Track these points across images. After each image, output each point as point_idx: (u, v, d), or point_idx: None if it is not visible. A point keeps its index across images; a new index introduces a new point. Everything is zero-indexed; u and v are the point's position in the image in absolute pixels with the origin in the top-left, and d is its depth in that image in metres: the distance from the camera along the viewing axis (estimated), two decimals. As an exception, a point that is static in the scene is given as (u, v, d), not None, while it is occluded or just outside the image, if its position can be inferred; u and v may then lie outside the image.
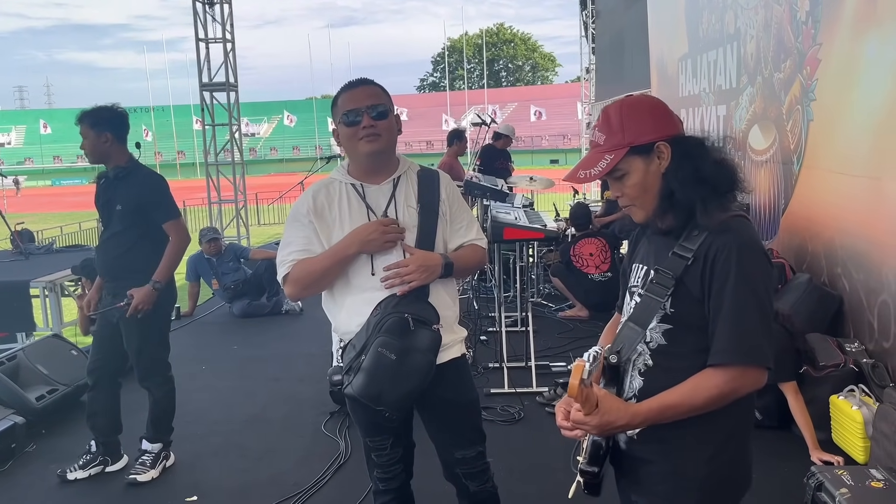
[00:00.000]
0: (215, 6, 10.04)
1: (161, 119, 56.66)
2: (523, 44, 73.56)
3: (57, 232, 15.88)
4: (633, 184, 1.56)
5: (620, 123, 1.55)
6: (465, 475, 2.34)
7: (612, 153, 1.55)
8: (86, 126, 3.34)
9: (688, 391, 1.50)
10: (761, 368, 1.50)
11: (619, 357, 1.60)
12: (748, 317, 1.48)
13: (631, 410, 1.50)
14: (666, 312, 1.56)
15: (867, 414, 3.28)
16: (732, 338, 1.48)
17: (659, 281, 1.56)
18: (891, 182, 3.79)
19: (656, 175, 1.56)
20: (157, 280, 3.37)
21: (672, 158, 1.54)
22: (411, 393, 2.11)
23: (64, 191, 41.44)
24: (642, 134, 1.54)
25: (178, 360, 5.15)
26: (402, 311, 2.10)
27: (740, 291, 1.48)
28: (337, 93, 2.18)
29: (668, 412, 1.50)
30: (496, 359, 4.90)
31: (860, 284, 4.10)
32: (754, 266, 1.50)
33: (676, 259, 1.54)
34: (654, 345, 1.59)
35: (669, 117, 1.59)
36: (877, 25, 3.93)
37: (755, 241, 1.53)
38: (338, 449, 3.82)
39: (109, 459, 3.66)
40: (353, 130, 2.12)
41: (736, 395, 1.49)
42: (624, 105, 1.59)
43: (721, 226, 1.51)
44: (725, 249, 1.49)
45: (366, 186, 2.20)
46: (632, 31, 11.90)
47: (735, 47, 6.39)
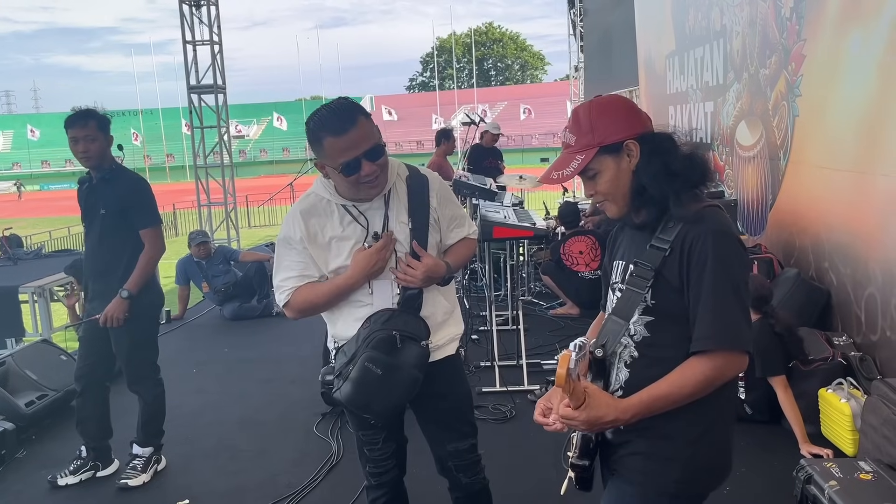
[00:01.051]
0: (202, 8, 10.00)
1: (150, 122, 56.39)
2: (512, 43, 73.63)
3: (46, 237, 15.81)
4: (604, 181, 1.62)
5: (590, 124, 1.60)
6: (458, 468, 2.36)
7: (583, 153, 1.60)
8: (96, 129, 3.31)
9: (675, 382, 1.53)
10: (743, 353, 1.54)
11: (605, 350, 1.63)
12: (727, 303, 1.51)
13: (621, 406, 1.51)
14: (647, 304, 1.60)
15: (855, 407, 3.30)
16: (714, 324, 1.51)
17: (638, 274, 1.60)
18: (876, 176, 3.82)
19: (627, 172, 1.61)
20: (127, 290, 3.34)
21: (641, 155, 1.59)
22: (397, 405, 2.17)
23: (53, 195, 41.21)
24: (611, 133, 1.59)
25: (169, 363, 5.14)
26: (390, 329, 2.12)
27: (718, 278, 1.52)
28: (316, 130, 2.00)
29: (658, 404, 1.53)
30: (487, 357, 4.91)
31: (847, 278, 4.14)
32: (729, 252, 1.54)
33: (654, 251, 1.58)
34: (638, 337, 1.62)
35: (637, 116, 1.64)
36: (860, 21, 3.97)
37: (729, 228, 1.57)
38: (330, 450, 3.81)
39: (100, 464, 3.64)
40: (353, 178, 2.03)
41: (721, 380, 1.53)
42: (593, 106, 1.65)
43: (695, 215, 1.56)
44: (701, 238, 1.53)
45: (358, 206, 2.17)
46: (619, 30, 11.93)
47: (721, 44, 6.43)
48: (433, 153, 8.00)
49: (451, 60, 65.41)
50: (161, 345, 3.70)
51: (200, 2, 9.96)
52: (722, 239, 1.54)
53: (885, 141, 3.71)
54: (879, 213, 3.79)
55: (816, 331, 4.00)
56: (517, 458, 3.62)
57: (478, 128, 8.26)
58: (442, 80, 63.84)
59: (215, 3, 10.15)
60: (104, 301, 3.40)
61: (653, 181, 1.57)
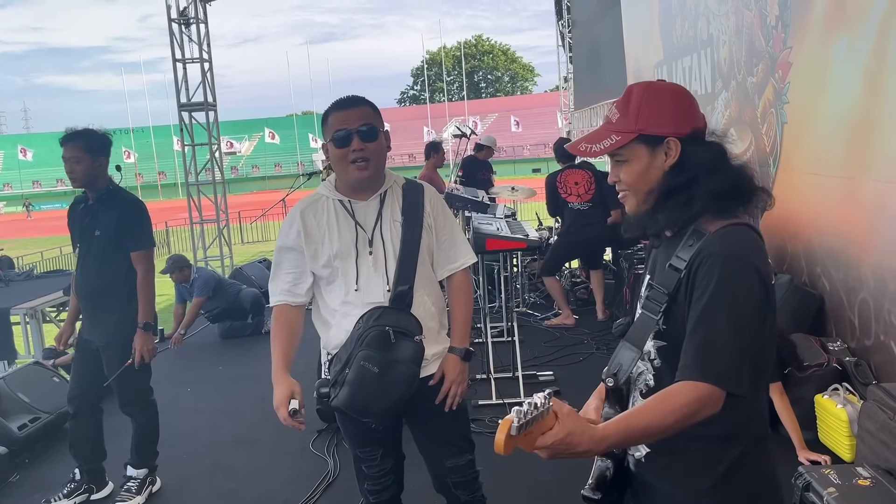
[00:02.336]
0: (191, 26, 10.02)
1: (141, 140, 56.33)
2: (502, 55, 73.99)
3: (38, 258, 15.72)
4: (631, 171, 1.48)
5: (638, 107, 1.47)
6: (456, 484, 2.35)
7: (620, 135, 1.47)
8: (81, 150, 3.28)
9: (657, 411, 1.35)
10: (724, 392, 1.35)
11: (616, 380, 1.50)
12: (723, 334, 1.35)
13: (597, 436, 1.30)
14: (659, 329, 1.47)
15: (852, 412, 3.30)
16: (704, 354, 1.36)
17: (653, 297, 1.48)
18: (865, 181, 3.84)
19: (658, 170, 1.47)
20: (145, 321, 3.35)
21: (680, 157, 1.45)
22: (396, 404, 2.14)
23: (44, 215, 41.03)
24: (656, 125, 1.45)
25: (163, 382, 5.11)
26: (383, 324, 2.12)
27: (718, 306, 1.36)
28: (328, 109, 2.20)
29: (636, 435, 1.37)
30: (483, 370, 4.90)
31: (840, 283, 4.14)
32: (739, 281, 1.37)
33: (671, 272, 1.45)
34: (657, 363, 1.50)
35: (690, 113, 1.49)
36: (845, 28, 4.00)
37: (746, 253, 1.40)
38: (326, 467, 3.79)
39: (94, 487, 3.61)
40: (343, 152, 2.14)
41: (701, 416, 1.35)
42: (648, 88, 1.50)
43: (715, 234, 1.42)
44: (710, 260, 1.39)
45: (353, 203, 2.23)
46: (608, 40, 12.00)
47: (709, 53, 6.47)
48: (423, 166, 8.00)
49: (442, 73, 65.68)
50: (155, 364, 3.67)
51: (190, 20, 9.98)
52: (733, 264, 1.37)
53: (873, 146, 3.74)
54: (869, 217, 3.81)
55: (811, 336, 4.00)
56: (513, 470, 3.60)
57: (469, 140, 8.28)
58: (432, 93, 64.05)
59: (204, 21, 10.18)
60: (96, 322, 3.38)
61: (682, 189, 1.44)
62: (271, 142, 56.58)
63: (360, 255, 2.19)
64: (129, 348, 3.37)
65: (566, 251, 6.40)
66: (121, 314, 3.34)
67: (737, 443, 1.45)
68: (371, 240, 2.20)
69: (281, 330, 2.25)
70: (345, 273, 2.20)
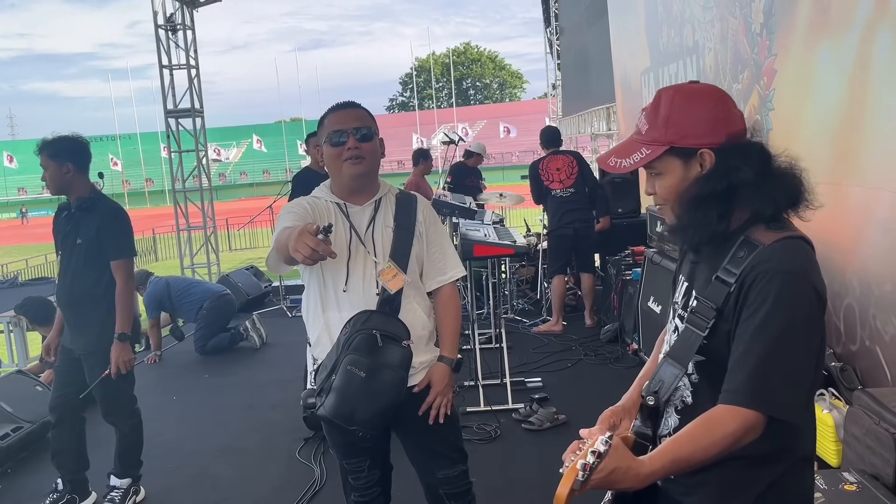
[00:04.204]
0: (178, 32, 9.99)
1: (128, 147, 56.03)
2: (491, 62, 74.23)
3: (22, 265, 15.58)
4: (666, 185, 1.40)
5: (667, 116, 1.37)
6: (449, 496, 2.32)
7: (650, 148, 1.38)
8: (46, 157, 3.26)
9: (701, 442, 1.29)
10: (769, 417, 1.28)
11: (658, 398, 1.43)
12: (777, 357, 1.27)
13: (642, 473, 1.25)
14: (701, 343, 1.37)
15: (838, 417, 3.31)
16: (755, 378, 1.27)
17: (700, 311, 1.38)
18: (850, 187, 3.87)
19: (694, 181, 1.38)
20: (121, 332, 3.30)
21: (714, 166, 1.35)
22: (384, 410, 2.10)
23: (30, 222, 40.71)
24: (687, 135, 1.36)
25: (148, 391, 5.06)
26: (370, 328, 2.10)
27: (772, 327, 1.27)
28: (325, 113, 2.24)
29: (680, 466, 1.30)
30: (471, 377, 4.88)
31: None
32: (798, 300, 1.28)
33: (719, 286, 1.35)
34: (694, 378, 1.42)
35: (727, 119, 1.38)
36: (829, 35, 4.03)
37: (805, 272, 1.31)
38: (313, 475, 3.75)
39: (77, 497, 3.56)
40: (338, 151, 2.16)
41: (744, 442, 1.29)
42: (678, 94, 1.40)
43: (771, 248, 1.32)
44: (767, 276, 1.29)
45: (349, 206, 2.23)
46: (595, 47, 12.07)
47: (695, 60, 6.51)
48: (411, 173, 8.00)
49: (431, 80, 65.80)
50: (140, 372, 3.64)
51: (177, 26, 9.95)
52: (792, 282, 1.28)
53: (858, 152, 3.76)
54: (854, 224, 3.83)
55: (797, 342, 4.02)
56: (503, 477, 3.59)
57: (457, 146, 8.28)
58: (421, 100, 64.14)
59: (191, 27, 10.15)
60: (77, 331, 3.34)
61: (715, 200, 1.34)
62: (259, 149, 56.44)
63: (352, 257, 2.18)
64: (110, 357, 3.33)
65: (557, 244, 6.36)
66: (102, 323, 3.30)
67: (777, 463, 1.37)
68: (363, 243, 2.20)
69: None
70: (335, 273, 2.18)
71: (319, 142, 2.26)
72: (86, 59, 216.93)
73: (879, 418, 2.87)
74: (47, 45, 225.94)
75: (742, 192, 1.35)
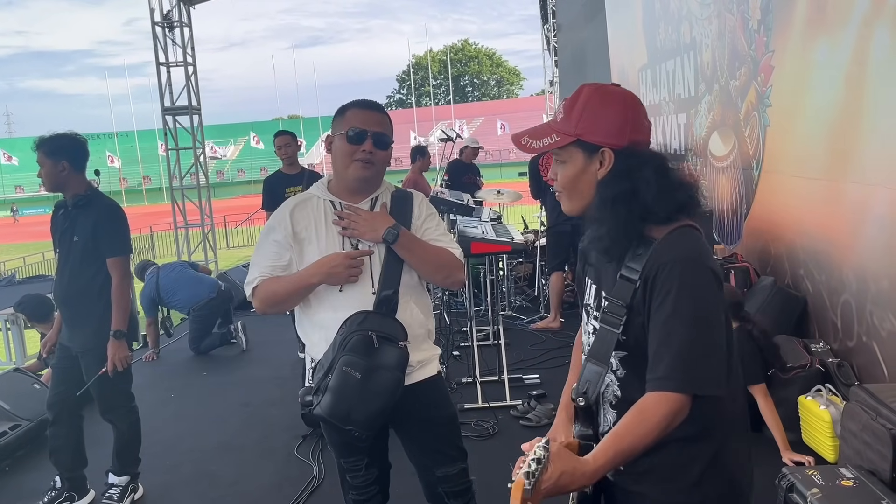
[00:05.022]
0: (175, 30, 9.96)
1: (126, 145, 55.91)
2: (488, 59, 74.17)
3: (20, 263, 15.56)
4: (566, 174, 1.51)
5: (580, 112, 1.47)
6: (448, 494, 2.32)
7: (560, 136, 1.48)
8: (42, 154, 3.25)
9: (637, 431, 1.36)
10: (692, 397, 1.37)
11: (587, 399, 1.50)
12: (692, 339, 1.36)
13: (588, 472, 1.33)
14: (619, 340, 1.46)
15: (835, 413, 3.32)
16: (676, 363, 1.36)
17: (611, 311, 1.47)
18: (846, 184, 3.87)
19: (592, 177, 1.48)
20: (117, 329, 3.29)
21: (612, 169, 1.45)
22: (380, 411, 2.09)
23: (26, 220, 40.65)
24: (593, 132, 1.45)
25: (147, 389, 5.07)
26: (366, 329, 2.09)
27: (683, 311, 1.36)
28: (347, 104, 2.20)
29: (621, 457, 1.37)
30: (469, 374, 4.89)
31: (822, 285, 4.17)
32: (698, 282, 1.38)
33: (624, 283, 1.44)
34: (620, 373, 1.50)
35: (634, 125, 1.47)
36: (826, 31, 4.03)
37: (699, 255, 1.42)
38: (311, 473, 3.76)
39: (75, 495, 3.56)
40: (352, 149, 2.13)
41: (676, 423, 1.37)
42: (594, 94, 1.49)
43: (664, 241, 1.42)
44: (667, 266, 1.38)
45: (344, 205, 2.21)
46: (593, 44, 12.06)
47: (692, 56, 6.51)
48: (409, 169, 7.99)
49: (428, 77, 65.73)
50: (138, 370, 3.64)
51: (174, 23, 9.93)
52: (690, 267, 1.38)
53: (854, 149, 3.77)
54: (851, 219, 3.84)
55: (794, 338, 4.03)
56: (501, 474, 3.57)
57: (455, 143, 8.28)
58: (419, 98, 64.07)
59: (188, 24, 10.13)
60: (74, 328, 3.34)
61: (604, 203, 1.45)
62: (256, 146, 56.34)
63: None
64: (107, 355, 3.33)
65: (556, 240, 6.34)
66: (99, 321, 3.30)
67: (713, 437, 1.46)
68: (358, 242, 2.18)
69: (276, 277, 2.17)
70: None
71: (334, 132, 2.20)
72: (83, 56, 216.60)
73: (876, 414, 2.88)
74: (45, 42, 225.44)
75: (640, 194, 1.43)
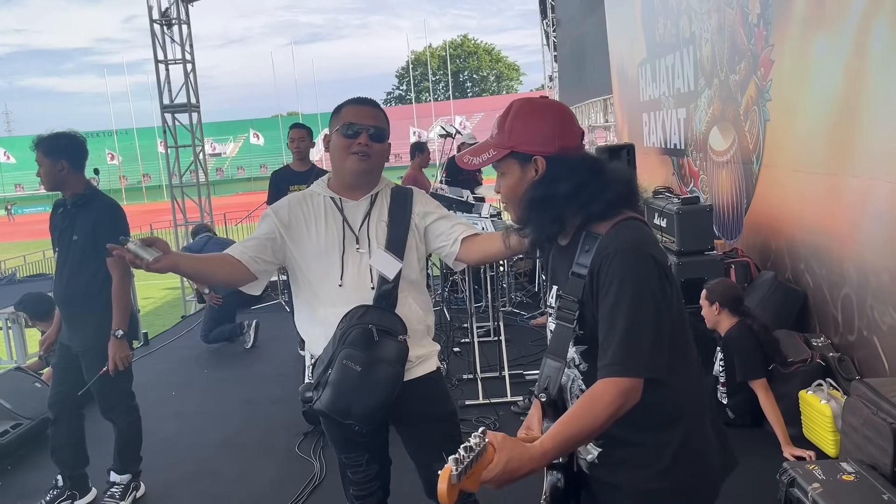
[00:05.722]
0: (173, 27, 9.94)
1: (125, 142, 55.89)
2: (487, 54, 74.06)
3: (20, 261, 15.56)
4: (506, 185, 1.59)
5: (511, 125, 1.57)
6: None
7: (496, 150, 1.58)
8: (41, 153, 3.24)
9: (587, 417, 1.40)
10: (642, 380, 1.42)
11: (548, 394, 1.55)
12: (636, 326, 1.41)
13: (536, 454, 1.36)
14: (577, 334, 1.53)
15: (836, 407, 3.32)
16: (622, 350, 1.41)
17: (564, 307, 1.53)
18: (846, 178, 3.87)
19: (529, 184, 1.56)
20: (117, 329, 3.28)
21: (545, 174, 1.54)
22: (380, 405, 2.10)
23: (26, 219, 40.64)
24: (524, 142, 1.55)
25: (148, 386, 5.07)
26: (366, 323, 2.10)
27: (626, 299, 1.42)
28: (343, 103, 2.23)
29: (572, 441, 1.41)
30: (470, 370, 4.89)
31: (823, 279, 4.17)
32: (639, 270, 1.44)
33: (575, 280, 1.52)
34: (583, 367, 1.55)
35: (561, 132, 1.56)
36: (826, 25, 4.03)
37: (639, 244, 1.47)
38: (313, 470, 3.76)
39: (77, 493, 3.57)
40: (347, 143, 2.15)
41: (626, 408, 1.41)
42: (522, 108, 1.59)
43: (608, 234, 1.49)
44: (609, 258, 1.45)
45: (344, 201, 2.23)
46: (592, 39, 12.04)
47: (691, 51, 6.50)
48: (409, 166, 7.99)
49: (427, 73, 65.65)
50: (140, 368, 3.64)
51: (172, 20, 9.90)
52: (630, 257, 1.44)
53: (854, 143, 3.76)
54: (851, 214, 3.84)
55: (795, 332, 4.03)
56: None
57: (454, 140, 8.27)
58: (418, 93, 64.01)
59: (187, 21, 10.10)
60: (74, 328, 3.34)
61: (543, 202, 1.53)
62: (256, 143, 56.32)
63: (347, 252, 2.18)
64: (108, 352, 3.32)
65: None
66: (99, 320, 3.29)
67: (679, 423, 1.53)
68: (357, 237, 2.19)
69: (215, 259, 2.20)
70: (329, 269, 2.18)
71: (331, 131, 2.23)
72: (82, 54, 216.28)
73: (877, 408, 2.88)
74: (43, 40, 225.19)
75: (572, 195, 1.51)
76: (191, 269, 2.16)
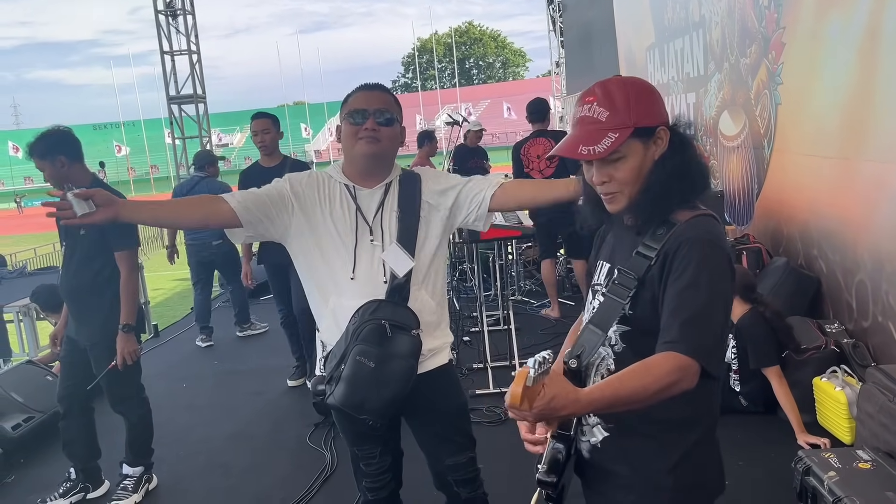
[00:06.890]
0: (178, 18, 9.92)
1: (133, 134, 55.97)
2: (493, 41, 73.69)
3: (31, 254, 15.62)
4: (627, 168, 1.46)
5: (627, 102, 1.45)
6: (457, 482, 2.32)
7: (618, 132, 1.43)
8: (37, 158, 3.19)
9: (641, 380, 1.33)
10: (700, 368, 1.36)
11: (580, 361, 1.51)
12: (705, 314, 1.38)
13: (583, 400, 1.30)
14: (625, 314, 1.48)
15: (851, 394, 3.29)
16: (690, 331, 1.36)
17: (621, 282, 1.49)
18: (860, 162, 3.81)
19: (651, 162, 1.47)
20: (125, 323, 3.27)
21: (669, 146, 1.47)
22: (394, 400, 2.09)
23: (35, 212, 40.81)
24: (647, 116, 1.46)
25: (158, 379, 5.08)
26: (379, 318, 2.08)
27: (700, 285, 1.38)
28: (351, 91, 2.19)
29: (620, 402, 1.34)
30: (479, 359, 4.87)
31: (836, 265, 4.12)
32: (716, 265, 1.41)
33: (640, 259, 1.47)
34: (618, 348, 1.51)
35: (664, 103, 1.52)
36: (838, 6, 3.96)
37: (720, 241, 1.45)
38: (324, 461, 3.76)
39: (90, 486, 3.58)
40: (355, 129, 2.11)
41: (679, 389, 1.35)
42: (628, 83, 1.49)
43: (687, 224, 1.45)
44: (688, 244, 1.41)
45: (358, 189, 2.18)
46: (599, 24, 11.92)
47: (701, 35, 6.42)
48: (416, 155, 7.95)
49: (433, 61, 65.39)
50: (150, 360, 3.64)
51: (177, 11, 9.88)
52: (711, 250, 1.41)
53: (868, 126, 3.71)
54: (865, 198, 3.78)
55: (808, 319, 3.99)
56: (512, 460, 3.58)
57: (461, 128, 8.21)
58: (424, 81, 63.80)
59: (192, 12, 10.08)
60: (81, 322, 3.33)
61: (668, 178, 1.45)
62: (263, 133, 56.26)
63: (360, 244, 2.14)
64: (116, 348, 3.32)
65: (539, 230, 6.19)
66: (106, 314, 3.28)
67: (694, 429, 1.50)
68: (371, 228, 2.16)
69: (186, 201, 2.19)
70: (341, 258, 2.14)
71: (341, 121, 2.20)
72: (88, 46, 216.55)
73: (893, 395, 2.85)
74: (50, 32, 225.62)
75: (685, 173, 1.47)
76: (150, 218, 2.15)
